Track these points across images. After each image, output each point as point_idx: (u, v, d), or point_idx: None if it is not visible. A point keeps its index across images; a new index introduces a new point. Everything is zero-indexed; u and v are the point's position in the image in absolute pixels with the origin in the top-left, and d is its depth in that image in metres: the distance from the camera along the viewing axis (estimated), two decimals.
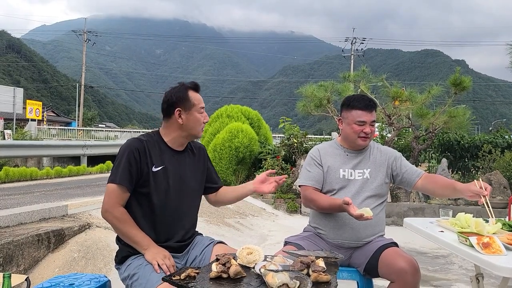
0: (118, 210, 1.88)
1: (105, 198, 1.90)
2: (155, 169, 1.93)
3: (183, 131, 1.99)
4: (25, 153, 11.94)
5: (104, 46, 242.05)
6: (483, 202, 2.01)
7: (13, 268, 3.10)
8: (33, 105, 22.94)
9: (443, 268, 4.34)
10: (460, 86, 6.99)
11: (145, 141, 1.95)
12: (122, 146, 1.95)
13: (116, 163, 1.91)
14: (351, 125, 2.25)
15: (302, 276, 1.49)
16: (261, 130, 10.35)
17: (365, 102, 2.25)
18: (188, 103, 1.96)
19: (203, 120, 2.01)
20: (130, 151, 1.90)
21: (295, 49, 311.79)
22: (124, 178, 1.87)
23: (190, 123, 1.98)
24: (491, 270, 1.57)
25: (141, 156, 1.90)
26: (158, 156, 1.96)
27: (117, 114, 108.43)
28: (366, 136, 2.24)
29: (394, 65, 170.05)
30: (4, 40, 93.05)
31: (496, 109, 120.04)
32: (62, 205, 4.47)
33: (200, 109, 1.99)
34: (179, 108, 1.96)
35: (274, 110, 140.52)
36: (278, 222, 6.68)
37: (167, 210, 1.96)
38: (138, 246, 1.89)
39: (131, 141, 1.95)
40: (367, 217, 1.99)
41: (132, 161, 1.88)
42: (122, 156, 1.90)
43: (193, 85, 2.03)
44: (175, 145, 2.02)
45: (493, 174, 6.86)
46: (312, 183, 2.28)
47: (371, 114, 2.25)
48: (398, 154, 2.36)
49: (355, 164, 2.28)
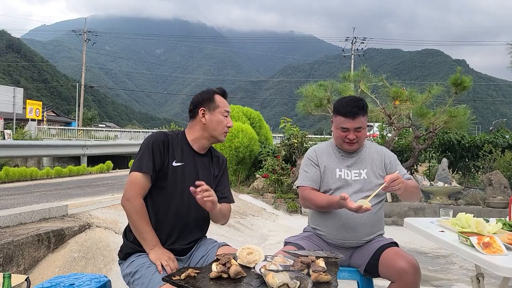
0: (139, 202, 1.89)
1: (128, 186, 1.89)
2: (175, 164, 1.96)
3: (205, 131, 2.02)
4: (25, 153, 11.95)
5: (104, 46, 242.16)
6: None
7: (13, 268, 3.10)
8: (33, 105, 22.95)
9: (443, 268, 4.34)
10: (460, 86, 6.99)
11: (170, 136, 2.00)
12: (146, 137, 1.99)
13: (140, 153, 1.93)
14: (336, 129, 2.26)
15: (303, 276, 1.49)
16: (262, 130, 10.36)
17: (348, 109, 2.19)
18: (212, 104, 2.01)
19: (227, 123, 2.03)
20: (155, 141, 1.94)
21: (295, 49, 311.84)
22: (149, 166, 1.89)
23: (213, 124, 2.00)
24: (491, 270, 1.57)
25: (165, 148, 1.94)
26: (180, 152, 1.99)
27: (117, 114, 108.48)
28: (350, 142, 2.22)
29: (395, 64, 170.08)
30: (4, 40, 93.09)
31: (496, 109, 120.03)
32: (62, 205, 4.47)
33: (224, 112, 2.03)
34: (203, 108, 2.01)
35: (274, 110, 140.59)
36: (278, 222, 6.67)
37: (180, 206, 1.95)
38: (146, 243, 1.88)
39: (156, 133, 2.00)
40: (366, 208, 1.98)
41: (156, 151, 1.92)
42: (147, 146, 1.92)
43: (221, 91, 2.09)
44: (196, 146, 2.04)
45: (494, 174, 6.86)
46: (310, 183, 2.28)
47: (355, 121, 2.19)
48: (393, 157, 2.34)
49: (350, 164, 2.27)
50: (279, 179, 8.01)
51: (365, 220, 2.19)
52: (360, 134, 2.22)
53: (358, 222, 2.18)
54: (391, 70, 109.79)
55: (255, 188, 8.56)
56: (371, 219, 2.21)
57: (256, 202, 7.66)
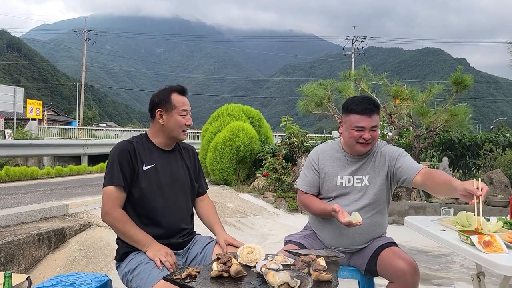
0: (118, 212, 1.92)
1: (104, 201, 1.93)
2: (146, 167, 1.97)
3: (164, 132, 2.04)
4: (25, 152, 11.96)
5: (104, 45, 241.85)
6: (474, 203, 1.78)
7: (14, 267, 3.11)
8: (34, 104, 22.94)
9: (444, 266, 4.34)
10: (461, 85, 6.98)
11: (134, 142, 2.01)
12: (112, 150, 2.00)
13: (109, 166, 1.95)
14: (349, 130, 2.11)
15: (303, 275, 1.49)
16: (262, 129, 10.34)
17: (363, 106, 2.07)
18: (169, 104, 2.01)
19: (185, 122, 2.03)
20: (120, 152, 1.95)
21: (295, 48, 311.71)
22: (119, 178, 1.91)
23: (170, 125, 2.01)
24: (492, 268, 1.57)
25: (132, 156, 1.95)
26: (148, 155, 2.01)
27: (118, 113, 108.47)
28: (365, 142, 2.09)
29: (395, 63, 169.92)
30: (5, 39, 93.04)
31: (497, 108, 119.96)
32: (62, 205, 4.47)
33: (181, 112, 2.01)
34: (160, 109, 2.01)
35: (275, 109, 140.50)
36: (279, 221, 6.67)
37: (162, 204, 1.98)
38: (140, 244, 1.90)
39: (120, 144, 2.01)
40: (356, 223, 1.92)
41: (123, 161, 1.93)
42: (114, 158, 1.94)
43: (179, 88, 2.06)
44: (162, 146, 2.07)
45: (494, 173, 6.86)
46: (307, 189, 2.25)
47: (371, 119, 2.07)
48: (398, 153, 2.18)
49: (354, 170, 2.18)
50: (280, 178, 8.01)
51: (363, 230, 2.13)
52: (375, 134, 2.11)
53: (356, 232, 2.13)
54: (391, 68, 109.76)
55: (256, 187, 8.56)
56: (369, 227, 2.16)
57: (256, 201, 7.67)
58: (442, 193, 2.01)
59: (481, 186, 1.77)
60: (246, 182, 9.21)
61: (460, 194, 1.80)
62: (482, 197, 1.75)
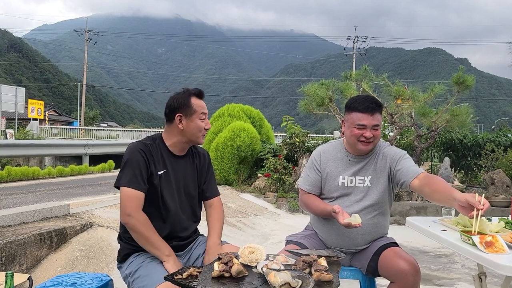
0: (142, 215, 1.87)
1: (125, 202, 1.86)
2: (160, 172, 1.95)
3: (183, 136, 2.00)
4: (27, 152, 11.96)
5: (106, 45, 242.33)
6: (473, 216, 1.73)
7: (15, 267, 3.11)
8: (35, 105, 22.98)
9: (445, 267, 4.33)
10: (463, 85, 6.97)
11: (149, 145, 1.97)
12: (128, 150, 1.95)
13: (127, 166, 1.90)
14: (351, 128, 2.12)
15: (304, 275, 1.48)
16: (263, 129, 10.34)
17: (366, 104, 2.08)
18: (189, 109, 1.97)
19: (205, 126, 2.01)
20: (138, 153, 1.92)
21: (296, 48, 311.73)
22: (140, 181, 1.88)
23: (190, 129, 1.98)
24: (494, 269, 1.57)
25: (148, 159, 1.93)
26: (161, 160, 1.98)
27: (119, 113, 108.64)
28: (366, 141, 2.09)
29: (396, 63, 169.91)
30: (6, 40, 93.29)
31: (499, 108, 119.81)
32: (64, 204, 4.47)
33: (201, 116, 1.99)
34: (179, 114, 1.97)
35: (276, 109, 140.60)
36: (280, 221, 6.67)
37: (168, 212, 1.97)
38: (159, 252, 1.88)
39: (136, 144, 1.97)
40: (355, 225, 1.91)
41: (141, 163, 1.90)
42: (132, 159, 1.90)
43: (197, 92, 2.04)
44: (176, 150, 2.04)
45: (496, 173, 6.85)
46: (309, 188, 2.25)
47: (373, 118, 2.08)
48: (400, 155, 2.15)
49: (356, 170, 2.17)
50: (281, 178, 8.01)
51: (364, 230, 2.13)
52: (377, 133, 2.11)
53: (357, 232, 2.13)
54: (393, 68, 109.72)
55: (257, 187, 8.56)
56: (370, 228, 2.16)
57: (257, 201, 7.67)
58: (438, 201, 1.96)
59: (483, 202, 1.74)
60: (247, 182, 9.21)
61: (460, 205, 1.77)
62: (483, 211, 1.71)
